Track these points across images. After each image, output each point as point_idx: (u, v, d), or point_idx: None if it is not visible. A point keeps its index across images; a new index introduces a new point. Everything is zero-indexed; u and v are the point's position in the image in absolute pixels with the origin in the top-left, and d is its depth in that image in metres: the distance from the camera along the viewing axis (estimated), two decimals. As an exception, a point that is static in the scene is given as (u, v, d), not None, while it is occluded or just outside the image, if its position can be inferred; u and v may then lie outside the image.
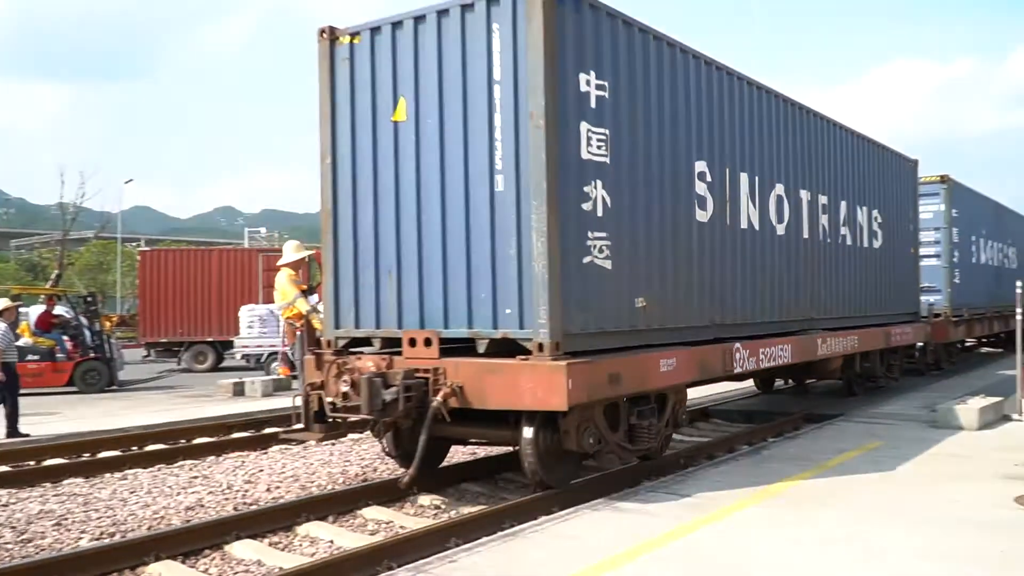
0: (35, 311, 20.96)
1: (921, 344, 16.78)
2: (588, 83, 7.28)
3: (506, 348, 7.12)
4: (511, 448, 8.47)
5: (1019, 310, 12.43)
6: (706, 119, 9.05)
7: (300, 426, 8.39)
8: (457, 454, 9.91)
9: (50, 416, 14.20)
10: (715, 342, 9.14)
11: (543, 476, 7.45)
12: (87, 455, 10.81)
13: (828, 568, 5.25)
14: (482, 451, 10.09)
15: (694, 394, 12.34)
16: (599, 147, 7.39)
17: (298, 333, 10.88)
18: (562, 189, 6.93)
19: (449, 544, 6.19)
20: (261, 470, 9.61)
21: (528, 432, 7.25)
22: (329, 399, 7.81)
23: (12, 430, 12.02)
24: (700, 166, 8.92)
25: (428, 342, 7.34)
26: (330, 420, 8.00)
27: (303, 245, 11.77)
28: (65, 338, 19.51)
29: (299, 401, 8.33)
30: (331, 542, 6.97)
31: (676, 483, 7.71)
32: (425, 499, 8.18)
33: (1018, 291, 12.31)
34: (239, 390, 16.92)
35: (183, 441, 11.76)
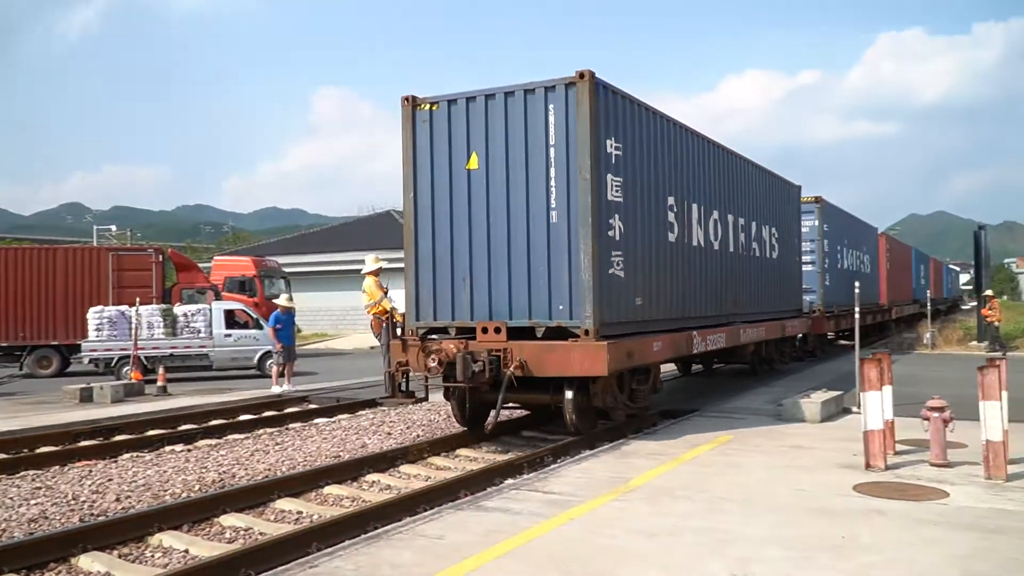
0: None
1: (802, 335, 20.17)
2: (611, 146, 9.97)
3: (555, 334, 9.72)
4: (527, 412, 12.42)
5: (857, 309, 13.40)
6: (672, 163, 11.81)
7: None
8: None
9: None
10: (679, 331, 11.94)
11: (578, 425, 10.30)
12: (-84, 467, 10.01)
13: (680, 557, 5.46)
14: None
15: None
16: (617, 191, 10.11)
17: (384, 325, 13.03)
18: (598, 222, 9.55)
19: (311, 549, 6.08)
20: (110, 479, 9.15)
21: (569, 394, 10.04)
22: (416, 373, 10.64)
23: None
24: (671, 200, 11.75)
25: (498, 330, 9.91)
26: (406, 391, 11.13)
27: (379, 258, 14.57)
28: None
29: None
30: (186, 552, 6.73)
31: (539, 480, 7.83)
32: (287, 503, 8.01)
33: (856, 291, 13.39)
34: (87, 396, 16.03)
35: (25, 450, 11.06)
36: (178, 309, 21.72)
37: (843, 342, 27.01)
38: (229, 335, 21.49)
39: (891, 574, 5.09)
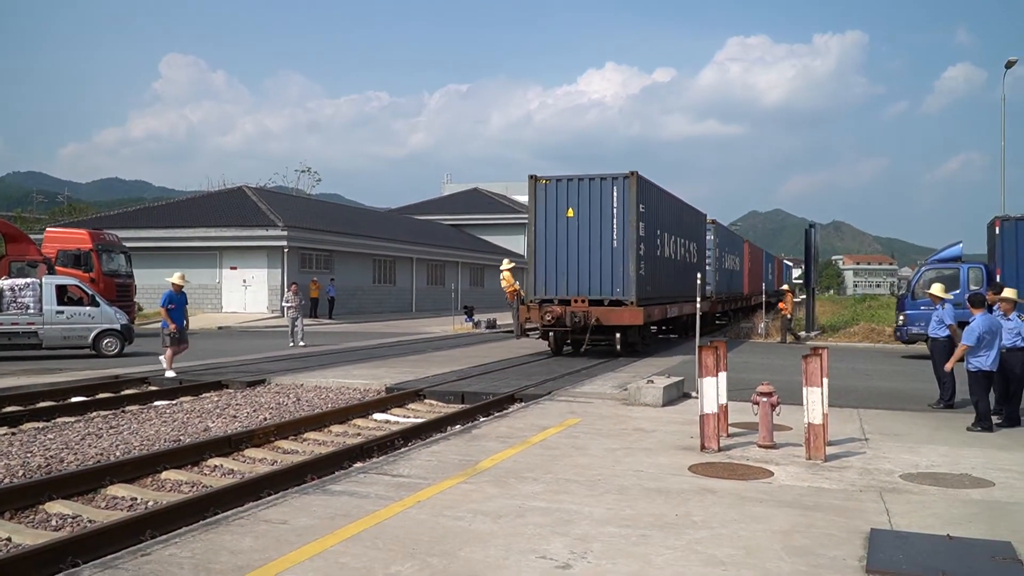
0: None
1: (703, 312, 27.41)
2: (641, 207, 19.03)
3: (614, 303, 18.82)
4: (589, 346, 19.84)
5: (699, 299, 14.04)
6: (658, 211, 21.31)
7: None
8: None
9: None
10: (661, 304, 21.41)
11: (622, 352, 19.35)
12: None
13: (524, 537, 5.58)
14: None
15: (409, 377, 13.58)
16: (642, 230, 19.16)
17: (516, 298, 23.24)
18: (636, 246, 18.79)
19: (144, 536, 5.85)
20: (-79, 465, 8.45)
21: (618, 335, 19.27)
22: (533, 324, 19.99)
23: None
24: (658, 231, 21.26)
25: (583, 300, 18.91)
26: (529, 334, 23.56)
27: (512, 260, 26.30)
28: None
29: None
30: (8, 539, 6.34)
31: (388, 464, 7.81)
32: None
33: (698, 282, 14.14)
34: None
35: None
36: (4, 283, 20.25)
37: (719, 321, 35.16)
38: (61, 312, 20.22)
39: (718, 549, 5.39)
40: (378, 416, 12.12)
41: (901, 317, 22.55)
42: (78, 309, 20.47)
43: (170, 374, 15.51)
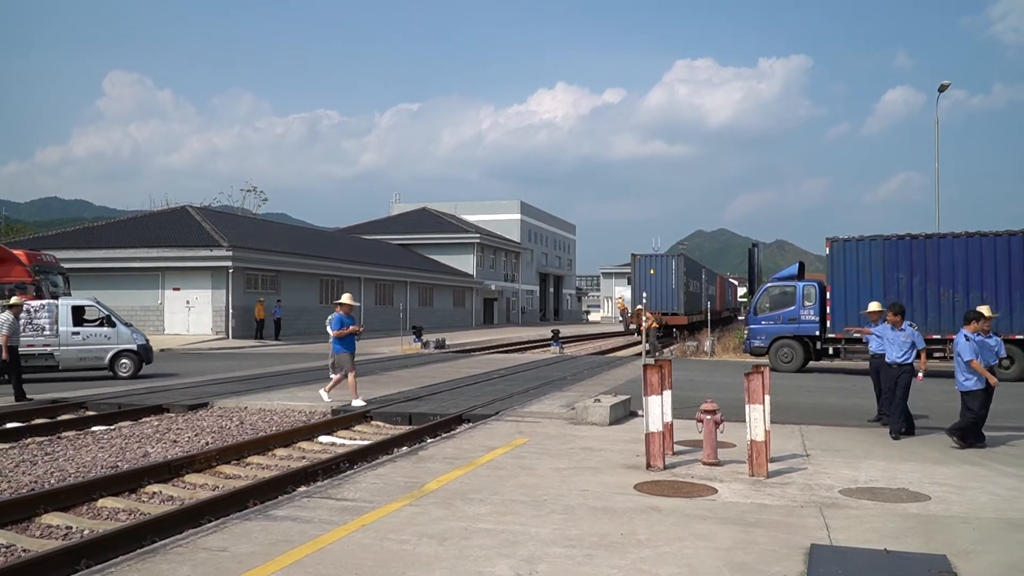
0: None
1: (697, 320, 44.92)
2: (684, 269, 39.79)
3: (672, 314, 39.06)
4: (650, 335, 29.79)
5: (644, 317, 14.15)
6: (688, 268, 41.39)
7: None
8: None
9: None
10: (688, 315, 40.06)
11: (676, 338, 38.74)
12: None
13: (470, 560, 5.55)
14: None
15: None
16: (683, 278, 39.58)
17: (625, 311, 42.10)
18: (683, 287, 39.43)
19: (79, 567, 5.68)
20: None
21: (674, 331, 39.17)
22: (640, 326, 29.01)
23: None
24: (690, 279, 42.45)
25: (659, 313, 36.74)
26: (635, 330, 37.45)
27: (621, 295, 64.45)
28: None
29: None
30: (-67, 574, 6.08)
31: (333, 487, 7.72)
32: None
33: (644, 302, 14.28)
34: None
35: None
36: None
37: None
38: (77, 333, 20.43)
39: (662, 567, 5.42)
40: (324, 439, 11.98)
41: (747, 331, 24.42)
42: (94, 330, 20.28)
43: (359, 403, 14.18)
